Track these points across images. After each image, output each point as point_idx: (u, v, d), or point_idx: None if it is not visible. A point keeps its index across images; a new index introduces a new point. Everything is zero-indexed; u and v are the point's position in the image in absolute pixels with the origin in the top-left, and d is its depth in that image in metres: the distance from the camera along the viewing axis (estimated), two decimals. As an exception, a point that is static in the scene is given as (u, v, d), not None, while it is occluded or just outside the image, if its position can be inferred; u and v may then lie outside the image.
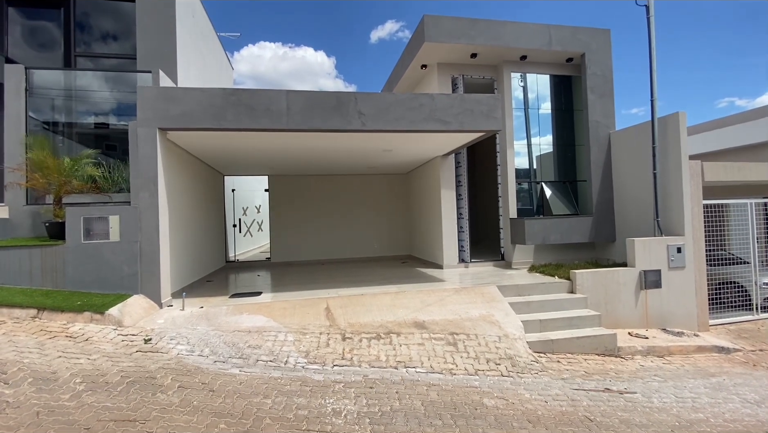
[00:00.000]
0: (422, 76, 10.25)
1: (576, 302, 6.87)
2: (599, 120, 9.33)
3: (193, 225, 8.29)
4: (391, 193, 12.70)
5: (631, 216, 8.67)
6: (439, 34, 8.52)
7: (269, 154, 8.71)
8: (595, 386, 4.83)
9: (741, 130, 10.44)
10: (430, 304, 6.41)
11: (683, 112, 7.49)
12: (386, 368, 4.78)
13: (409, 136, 7.14)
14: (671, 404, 4.42)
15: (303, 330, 5.45)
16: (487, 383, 4.60)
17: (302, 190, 12.00)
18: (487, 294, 6.77)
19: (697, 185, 7.56)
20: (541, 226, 8.86)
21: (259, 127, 6.30)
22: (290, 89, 6.42)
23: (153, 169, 6.12)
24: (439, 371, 4.83)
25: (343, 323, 5.71)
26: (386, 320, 5.84)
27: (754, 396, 4.82)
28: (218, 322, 5.57)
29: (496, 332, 5.76)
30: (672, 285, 7.35)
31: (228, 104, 6.21)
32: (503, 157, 9.59)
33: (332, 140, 7.18)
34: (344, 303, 6.30)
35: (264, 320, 5.68)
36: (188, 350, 4.71)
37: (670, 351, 6.39)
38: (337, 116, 6.43)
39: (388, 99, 6.63)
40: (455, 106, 6.84)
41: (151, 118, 6.12)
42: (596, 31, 9.40)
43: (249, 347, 4.93)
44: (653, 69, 7.81)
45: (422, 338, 5.48)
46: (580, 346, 6.03)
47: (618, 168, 9.10)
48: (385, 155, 9.15)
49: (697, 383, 5.16)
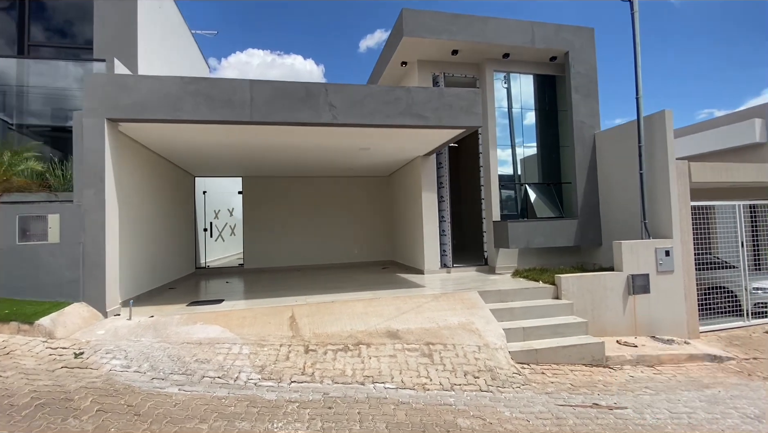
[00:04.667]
0: (403, 73, 9.88)
1: (561, 308, 6.46)
2: (584, 120, 9.05)
3: (154, 228, 7.68)
4: (372, 197, 12.23)
5: (618, 218, 8.36)
6: (418, 28, 8.17)
7: (239, 153, 8.18)
8: (582, 401, 4.38)
9: (725, 132, 10.30)
10: (405, 311, 5.91)
11: (669, 110, 7.24)
12: (351, 384, 4.26)
13: (385, 132, 6.71)
14: (665, 420, 3.99)
15: (261, 342, 4.89)
16: (463, 400, 4.11)
17: (279, 193, 11.44)
18: (468, 300, 6.31)
19: (684, 186, 7.27)
20: (525, 229, 8.48)
21: (220, 120, 5.80)
22: (255, 78, 5.94)
23: (100, 163, 5.55)
24: (410, 386, 4.33)
25: (308, 333, 5.17)
26: (356, 330, 5.32)
27: (753, 410, 4.42)
28: (167, 333, 4.97)
29: (476, 342, 5.29)
30: (661, 290, 7.00)
31: (186, 94, 5.70)
32: (486, 159, 9.23)
33: (303, 136, 6.70)
34: (312, 311, 5.77)
35: (219, 330, 5.11)
36: (123, 366, 4.12)
37: (660, 360, 6.00)
38: (306, 108, 5.97)
39: (362, 91, 6.19)
40: (433, 100, 6.44)
41: (98, 108, 5.57)
42: (580, 29, 9.18)
43: (196, 362, 4.36)
44: (638, 65, 7.56)
45: (394, 350, 4.97)
46: (566, 355, 5.60)
47: (603, 169, 8.81)
48: (363, 155, 8.70)
49: (691, 396, 4.75)
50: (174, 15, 10.35)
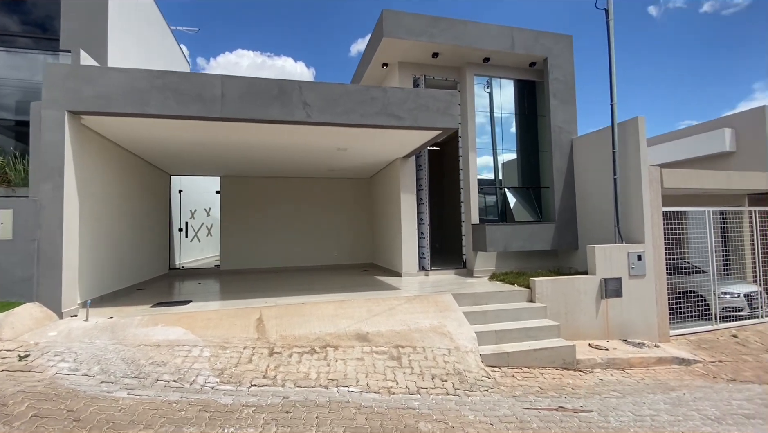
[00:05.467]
0: (384, 75, 9.84)
1: (535, 311, 6.45)
2: (561, 126, 9.15)
3: (122, 226, 7.41)
4: (353, 199, 12.13)
5: (594, 223, 8.44)
6: (398, 30, 8.14)
7: (215, 152, 7.98)
8: (548, 405, 4.34)
9: (697, 141, 10.56)
10: (377, 314, 5.81)
11: (642, 117, 7.35)
12: (314, 388, 4.13)
13: (361, 132, 6.63)
14: (629, 423, 3.98)
15: (224, 344, 4.73)
16: (428, 404, 4.02)
17: (257, 193, 11.24)
18: (441, 303, 6.25)
19: (656, 192, 7.39)
20: (503, 232, 8.49)
21: (189, 115, 5.63)
22: (226, 74, 5.80)
23: (59, 157, 5.31)
24: (375, 390, 4.22)
25: (274, 335, 5.02)
26: (325, 332, 5.19)
27: (714, 412, 4.45)
28: (124, 334, 4.76)
29: (447, 345, 5.22)
30: (633, 294, 7.07)
31: (153, 88, 5.53)
32: (465, 162, 9.24)
33: (276, 134, 6.57)
34: (281, 313, 5.62)
35: (181, 332, 4.92)
36: (71, 369, 3.91)
37: (630, 363, 6.03)
38: (278, 106, 5.85)
39: (337, 90, 6.11)
40: (410, 100, 6.40)
41: (59, 100, 5.35)
42: (559, 36, 9.30)
43: (152, 364, 4.17)
44: (613, 73, 7.67)
45: (362, 352, 4.86)
46: (537, 359, 5.58)
47: (580, 174, 8.91)
48: (342, 156, 8.60)
49: (656, 399, 4.77)
50: (151, 10, 10.12)
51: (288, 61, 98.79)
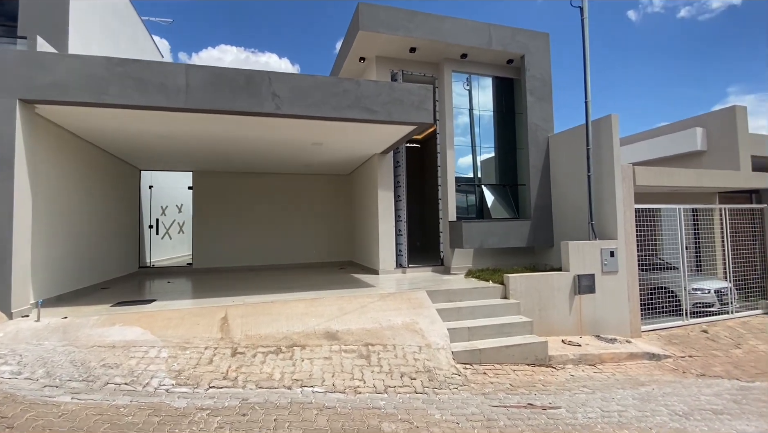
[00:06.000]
0: (362, 70, 9.70)
1: (508, 307, 6.42)
2: (538, 123, 9.17)
3: (85, 223, 7.08)
4: (332, 195, 11.94)
5: (569, 220, 8.49)
6: (374, 23, 8.01)
7: (185, 145, 7.70)
8: (517, 402, 4.28)
9: (670, 140, 10.76)
10: (348, 312, 5.68)
11: (616, 114, 7.41)
12: (277, 389, 3.98)
13: (333, 126, 6.47)
14: (596, 419, 3.95)
15: (185, 344, 4.52)
16: (394, 403, 3.91)
17: (232, 189, 10.95)
18: (415, 300, 6.15)
19: (629, 189, 7.45)
20: (479, 229, 8.46)
21: (151, 105, 5.39)
22: (191, 63, 5.56)
23: (9, 148, 5.00)
24: (341, 390, 4.09)
25: (239, 335, 4.84)
26: (293, 331, 5.03)
27: (682, 407, 4.47)
28: (77, 335, 4.51)
29: (418, 342, 5.13)
30: (606, 290, 7.12)
31: (113, 76, 5.26)
32: (443, 159, 9.18)
33: (246, 126, 6.36)
34: (248, 312, 5.42)
35: (139, 332, 4.68)
36: (13, 372, 3.66)
37: (602, 359, 6.05)
38: (246, 96, 5.65)
39: (308, 81, 5.94)
40: (383, 94, 6.28)
41: (11, 87, 5.05)
42: (535, 34, 9.32)
43: (103, 367, 3.94)
44: (587, 71, 7.72)
45: (330, 351, 4.72)
46: (510, 355, 5.53)
47: (556, 171, 8.95)
48: (317, 151, 8.42)
49: (625, 394, 4.77)
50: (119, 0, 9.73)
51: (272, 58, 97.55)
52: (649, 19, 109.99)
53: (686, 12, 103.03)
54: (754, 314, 8.66)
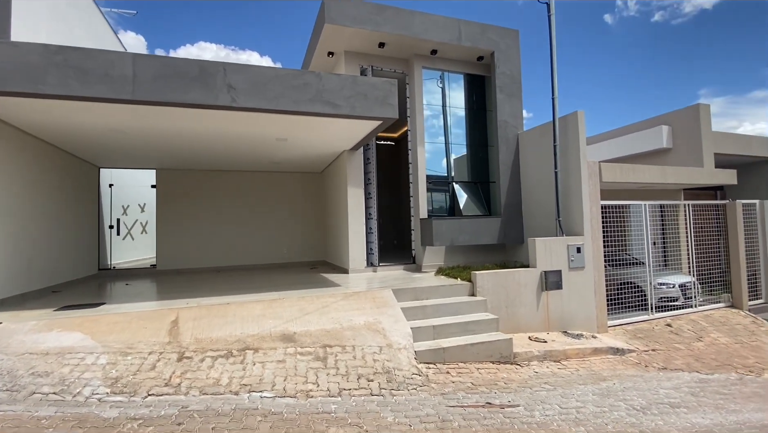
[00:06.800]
0: (331, 65, 9.49)
1: (475, 305, 6.34)
2: (508, 120, 9.16)
3: (31, 222, 6.65)
4: (305, 194, 11.68)
5: (539, 217, 8.50)
6: (341, 16, 7.82)
7: (140, 141, 7.34)
8: (476, 401, 4.18)
9: (637, 138, 10.95)
10: (309, 312, 5.48)
11: (581, 111, 7.44)
12: (223, 395, 3.76)
13: (295, 120, 6.26)
14: (553, 417, 3.88)
15: (127, 349, 4.24)
16: (346, 407, 3.75)
17: (198, 188, 10.56)
18: (379, 299, 6.00)
19: (595, 185, 7.50)
20: (449, 227, 8.38)
21: (94, 96, 5.05)
22: (138, 53, 5.27)
23: (-67, 141, 4.61)
24: (292, 394, 3.90)
25: (189, 338, 4.58)
26: (247, 334, 4.81)
27: (641, 402, 4.46)
28: (8, 342, 4.17)
29: (379, 342, 4.98)
30: (572, 286, 7.13)
31: (50, 65, 4.91)
32: (414, 156, 9.07)
33: (201, 120, 6.08)
34: (201, 314, 5.17)
35: (79, 337, 4.38)
36: None
37: (567, 355, 6.04)
38: (199, 88, 5.38)
39: (267, 73, 5.71)
40: (346, 88, 6.10)
41: (-66, 76, 4.64)
42: (505, 30, 9.31)
43: (32, 375, 3.65)
44: (554, 67, 7.72)
45: (285, 354, 4.52)
46: (474, 353, 5.45)
47: (526, 169, 8.95)
48: (283, 147, 8.18)
49: (586, 390, 4.74)
50: (74, -14, 9.23)
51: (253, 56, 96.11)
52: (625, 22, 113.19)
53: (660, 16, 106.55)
54: (716, 307, 8.88)
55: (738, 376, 5.81)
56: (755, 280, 9.35)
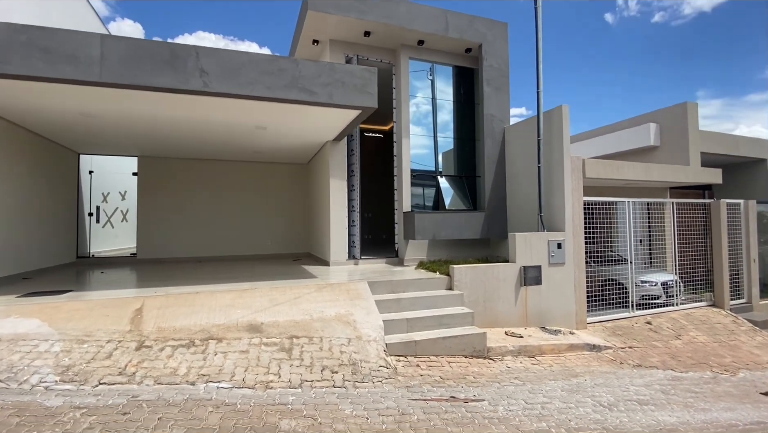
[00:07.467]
0: (317, 54, 9.31)
1: (452, 299, 6.27)
2: (494, 114, 9.05)
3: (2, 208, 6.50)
4: (290, 185, 11.54)
5: (522, 212, 8.42)
6: (324, 3, 7.65)
7: (115, 126, 7.16)
8: (440, 395, 4.11)
9: (625, 135, 10.88)
10: (280, 303, 5.39)
11: (566, 105, 7.34)
12: (178, 385, 3.66)
13: (272, 108, 6.12)
14: (516, 412, 3.82)
15: (85, 337, 4.13)
16: (304, 399, 3.66)
17: (180, 176, 10.39)
18: (353, 291, 5.91)
19: (578, 181, 7.42)
20: (432, 221, 8.29)
21: (60, 78, 4.89)
22: (107, 33, 5.10)
23: None
24: (251, 385, 3.81)
25: (151, 327, 4.48)
26: (213, 323, 4.71)
27: (609, 398, 4.42)
28: (-40, 328, 4.05)
29: (348, 334, 4.89)
30: (552, 282, 7.07)
31: (14, 43, 4.74)
32: (399, 148, 8.95)
33: (173, 105, 5.92)
34: (167, 303, 5.05)
35: (35, 324, 4.26)
36: None
37: (542, 351, 5.99)
38: (170, 72, 5.22)
39: (240, 58, 5.56)
40: (324, 75, 5.96)
41: None
42: (493, 22, 9.17)
43: (-22, 363, 3.53)
44: (539, 61, 7.61)
45: (250, 345, 4.43)
46: (446, 347, 5.38)
47: (511, 163, 8.86)
48: (263, 136, 8.03)
49: (555, 385, 4.69)
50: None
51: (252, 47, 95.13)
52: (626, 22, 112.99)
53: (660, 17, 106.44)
54: (698, 306, 8.86)
55: (712, 375, 5.79)
56: (738, 279, 9.34)
